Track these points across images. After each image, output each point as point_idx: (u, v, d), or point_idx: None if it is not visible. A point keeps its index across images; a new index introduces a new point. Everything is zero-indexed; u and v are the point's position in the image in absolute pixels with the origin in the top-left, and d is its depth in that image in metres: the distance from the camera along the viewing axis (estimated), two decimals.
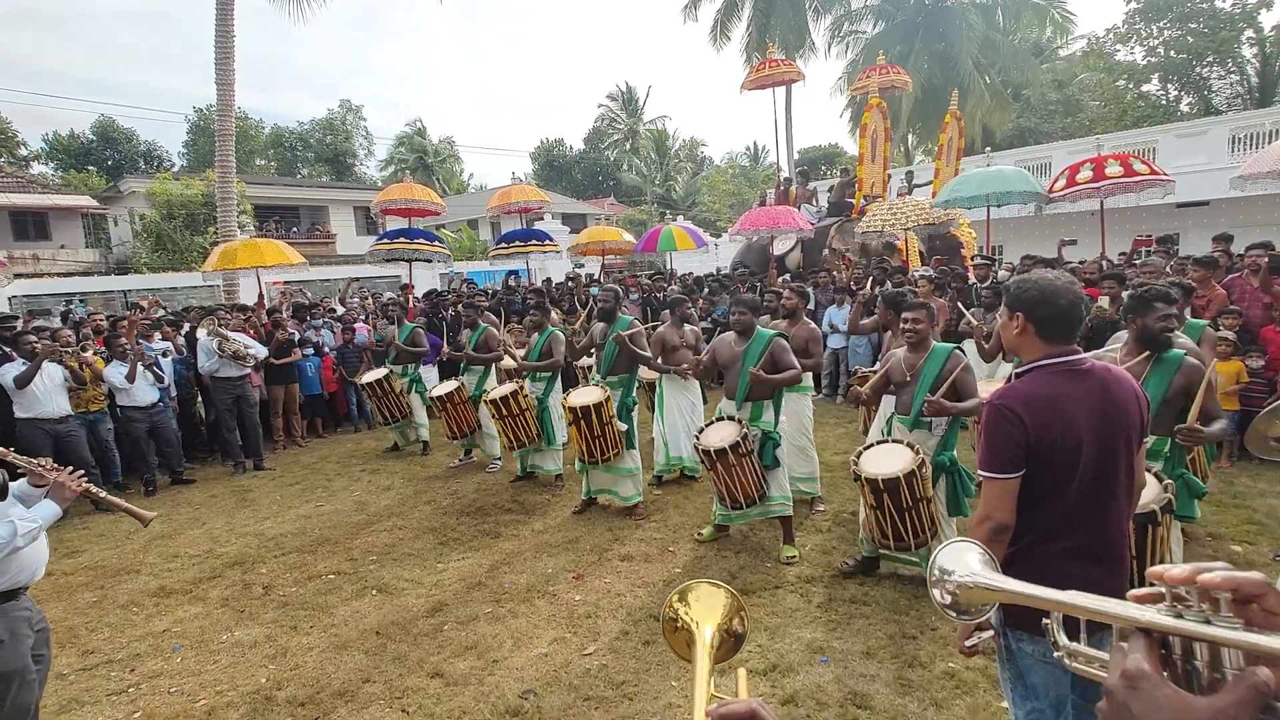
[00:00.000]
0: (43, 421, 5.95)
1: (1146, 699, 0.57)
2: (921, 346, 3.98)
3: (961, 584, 0.87)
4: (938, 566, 0.92)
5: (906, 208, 10.42)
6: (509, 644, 3.65)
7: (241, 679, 3.47)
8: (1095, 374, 2.02)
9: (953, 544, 0.94)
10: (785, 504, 4.55)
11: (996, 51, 22.60)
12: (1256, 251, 6.19)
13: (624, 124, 43.51)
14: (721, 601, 1.11)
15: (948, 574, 0.89)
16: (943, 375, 3.82)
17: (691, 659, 1.05)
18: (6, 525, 2.39)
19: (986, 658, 3.19)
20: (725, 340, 4.79)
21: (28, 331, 6.13)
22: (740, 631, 1.11)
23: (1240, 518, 4.74)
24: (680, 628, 1.09)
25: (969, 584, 0.86)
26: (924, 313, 3.96)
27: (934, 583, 0.91)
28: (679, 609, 1.10)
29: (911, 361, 3.97)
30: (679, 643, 1.10)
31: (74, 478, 2.60)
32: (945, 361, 3.85)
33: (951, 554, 0.92)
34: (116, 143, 35.15)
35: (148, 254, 21.03)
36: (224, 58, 11.82)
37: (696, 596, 1.11)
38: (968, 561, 0.90)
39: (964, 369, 3.83)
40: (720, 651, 1.07)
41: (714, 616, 1.09)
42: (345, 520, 5.72)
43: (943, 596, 0.90)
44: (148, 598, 4.47)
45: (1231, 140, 15.38)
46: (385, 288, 16.66)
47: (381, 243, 11.10)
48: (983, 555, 0.90)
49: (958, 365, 3.82)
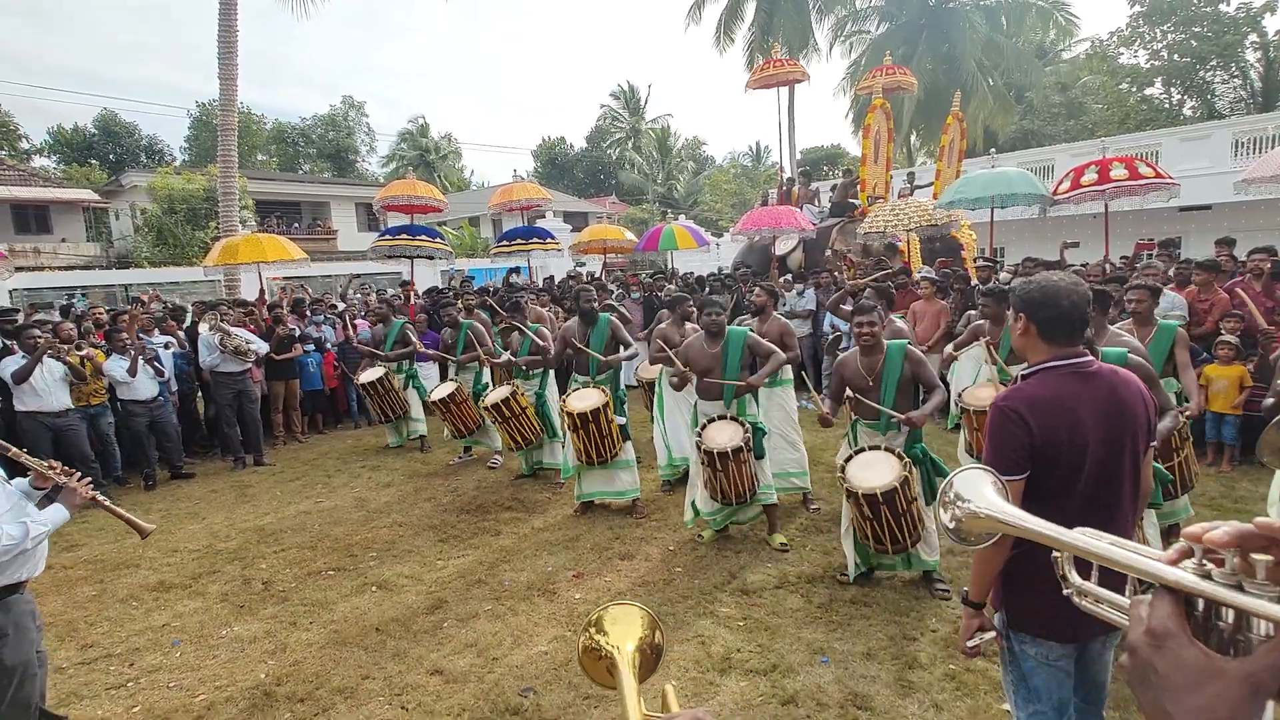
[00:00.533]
0: (43, 415, 5.95)
1: (1172, 658, 0.55)
2: (876, 349, 3.98)
3: (972, 512, 0.85)
4: (953, 490, 0.90)
5: (909, 208, 10.40)
6: (509, 642, 3.65)
7: (241, 674, 3.47)
8: (1102, 376, 2.01)
9: (970, 470, 0.92)
10: (770, 493, 4.64)
11: (1000, 53, 22.55)
12: (1259, 256, 6.19)
13: (626, 122, 43.47)
14: (637, 619, 1.10)
15: (963, 500, 0.88)
16: (905, 374, 3.86)
17: (615, 684, 1.03)
18: (20, 526, 2.41)
19: (988, 660, 3.19)
20: (696, 344, 4.74)
21: (30, 326, 6.11)
22: (660, 645, 1.09)
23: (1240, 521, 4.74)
24: (602, 655, 1.07)
25: (981, 513, 0.84)
26: (876, 315, 3.96)
27: (945, 504, 0.90)
28: (598, 639, 1.08)
29: (869, 365, 3.97)
30: (600, 671, 1.08)
31: (83, 484, 2.62)
32: (902, 360, 3.88)
33: (968, 480, 0.90)
34: (118, 137, 35.15)
35: (149, 248, 21.02)
36: (227, 53, 11.81)
37: (613, 619, 1.10)
38: (984, 492, 0.88)
39: (918, 363, 3.90)
40: (643, 669, 1.05)
41: (633, 635, 1.07)
42: (345, 516, 5.71)
43: (950, 521, 0.89)
44: (147, 592, 4.46)
45: (1235, 144, 15.35)
46: (387, 284, 16.66)
47: (384, 239, 11.10)
48: (997, 485, 0.89)
49: (914, 360, 3.89)
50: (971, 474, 0.91)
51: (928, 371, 3.92)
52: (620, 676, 1.03)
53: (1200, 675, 0.53)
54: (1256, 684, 0.51)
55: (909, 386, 3.90)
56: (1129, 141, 16.91)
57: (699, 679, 3.25)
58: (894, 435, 3.94)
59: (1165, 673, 0.55)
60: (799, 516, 5.23)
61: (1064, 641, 2.02)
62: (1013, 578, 2.04)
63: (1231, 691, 0.52)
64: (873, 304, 4.08)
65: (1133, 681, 0.58)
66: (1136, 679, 0.58)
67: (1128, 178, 8.38)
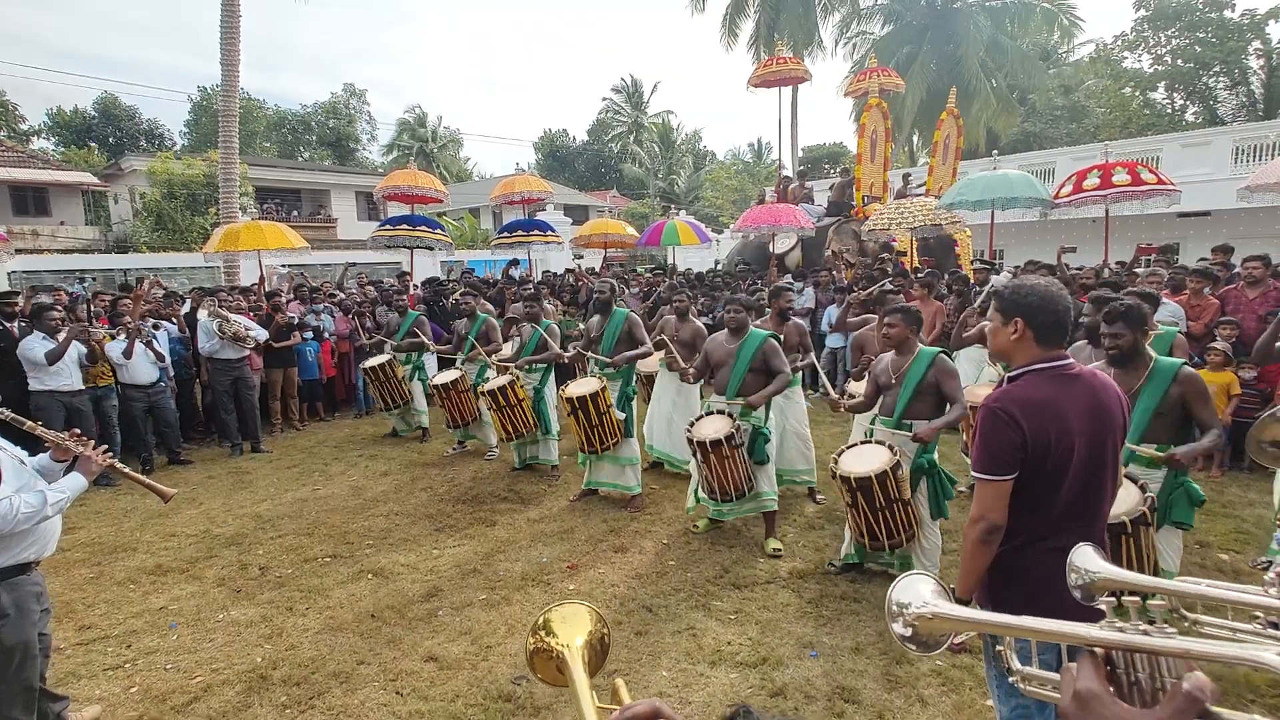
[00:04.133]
0: (60, 394, 6.02)
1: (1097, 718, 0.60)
2: (906, 349, 3.96)
3: (920, 615, 0.87)
4: (894, 601, 0.91)
5: (914, 207, 10.44)
6: (502, 630, 3.69)
7: (237, 658, 3.51)
8: (1084, 379, 2.06)
9: (906, 577, 0.93)
10: (773, 499, 4.63)
11: (1004, 55, 22.55)
12: (1253, 264, 6.24)
13: (628, 116, 43.39)
14: (584, 616, 1.13)
15: (904, 607, 0.89)
16: (926, 380, 3.85)
17: (566, 681, 1.06)
18: (37, 495, 2.43)
19: (973, 656, 3.25)
20: (718, 340, 4.88)
21: (51, 307, 6.16)
22: (606, 640, 1.12)
23: (1229, 526, 4.80)
24: (552, 655, 1.10)
25: (927, 615, 0.87)
26: (899, 317, 3.96)
27: (892, 616, 0.91)
28: (546, 640, 1.11)
29: (898, 364, 3.98)
30: (549, 670, 1.11)
31: (99, 452, 2.63)
32: (929, 366, 3.86)
33: (905, 587, 0.92)
34: (118, 120, 34.97)
35: (147, 233, 20.96)
36: (229, 37, 11.77)
37: (560, 619, 1.12)
38: (921, 593, 0.90)
39: (947, 374, 3.84)
40: (592, 664, 1.08)
41: (580, 632, 1.10)
42: (342, 504, 5.75)
43: (903, 629, 0.90)
44: (145, 575, 4.50)
45: (1235, 151, 15.39)
46: (385, 274, 16.63)
47: (384, 229, 11.10)
48: (936, 586, 0.90)
49: (942, 370, 3.84)
50: (906, 581, 0.93)
51: (953, 384, 3.84)
52: (571, 673, 1.05)
53: None
54: None
55: (930, 392, 3.85)
56: (1130, 146, 16.95)
57: (689, 670, 3.30)
58: (905, 438, 3.92)
59: None
60: (796, 512, 5.27)
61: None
62: (999, 575, 2.08)
63: None
64: (903, 306, 4.09)
65: None
66: None
67: (1130, 183, 8.42)
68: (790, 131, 22.33)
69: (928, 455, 3.89)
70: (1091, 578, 0.92)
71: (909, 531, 3.81)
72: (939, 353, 3.91)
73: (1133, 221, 13.67)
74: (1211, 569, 4.23)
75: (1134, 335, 3.27)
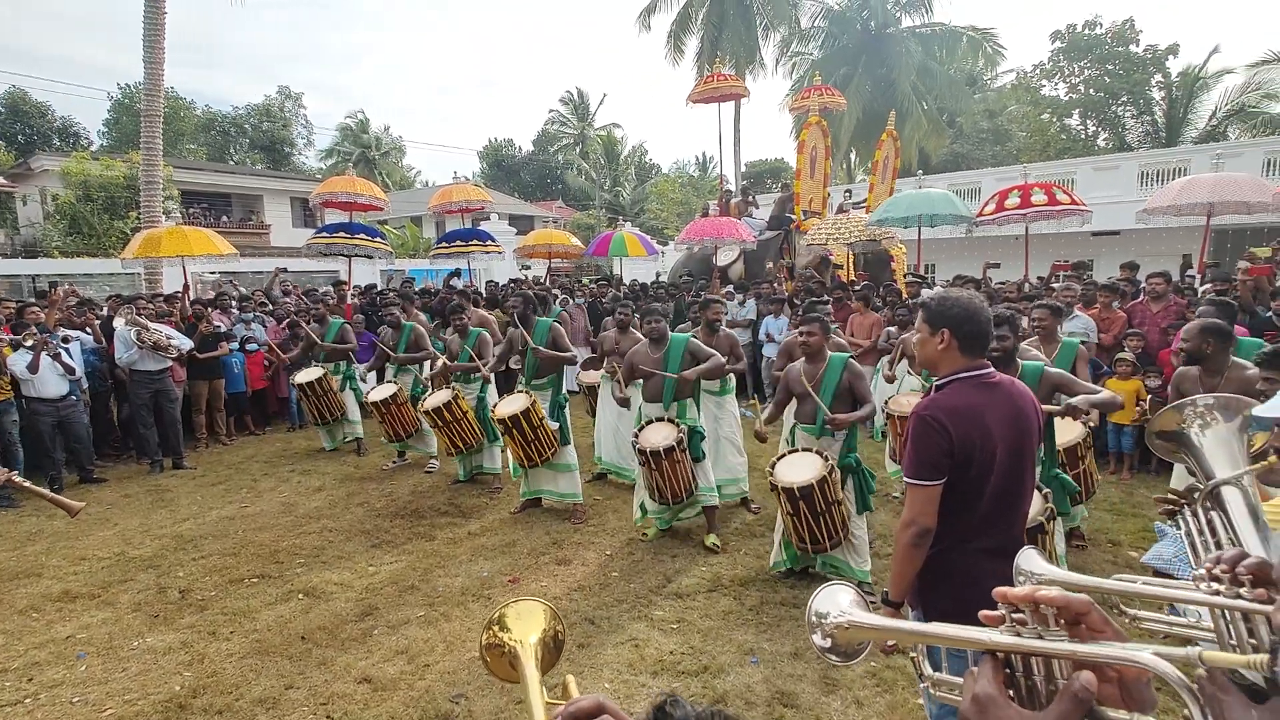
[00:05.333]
0: None
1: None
2: (819, 357, 4.19)
3: (839, 625, 0.89)
4: (814, 611, 0.92)
5: (849, 223, 10.81)
6: (441, 648, 3.60)
7: (153, 687, 3.31)
8: (1004, 387, 2.17)
9: (825, 588, 0.95)
10: (712, 494, 4.84)
11: (933, 79, 23.68)
12: (1156, 280, 6.73)
13: (574, 128, 43.43)
14: (539, 613, 1.14)
15: (824, 617, 0.90)
16: (842, 384, 4.07)
17: (518, 677, 1.06)
18: None
19: (905, 657, 3.35)
20: (641, 351, 4.99)
21: None
22: (561, 638, 1.13)
23: (1137, 525, 5.11)
24: (505, 651, 1.10)
25: (844, 624, 0.88)
26: (817, 326, 4.18)
27: (812, 627, 0.92)
28: (500, 635, 1.11)
29: (811, 372, 4.17)
30: (503, 666, 1.11)
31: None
32: (843, 370, 4.10)
33: (825, 598, 0.93)
34: (28, 117, 32.77)
35: (60, 237, 19.66)
36: (153, 33, 11.21)
37: (515, 615, 1.13)
38: (840, 602, 0.91)
39: (857, 376, 4.13)
40: (546, 661, 1.09)
41: (536, 629, 1.11)
42: (271, 522, 5.50)
43: (823, 640, 0.91)
44: (49, 602, 4.19)
45: (1141, 175, 16.58)
46: (322, 282, 16.09)
47: (320, 236, 10.75)
48: (854, 596, 0.92)
49: (854, 373, 4.12)
50: (827, 591, 0.95)
51: (863, 385, 4.17)
52: (523, 669, 1.05)
53: None
54: None
55: (845, 396, 4.11)
56: (1048, 169, 18.01)
57: (631, 681, 3.29)
58: (829, 441, 4.12)
59: None
60: (735, 520, 5.34)
61: None
62: (929, 577, 2.17)
63: None
64: (817, 315, 4.27)
65: None
66: None
67: (1047, 203, 8.94)
68: (734, 147, 22.78)
69: (853, 455, 4.15)
70: (1037, 580, 0.97)
71: (844, 529, 3.98)
72: (848, 358, 4.19)
73: (1051, 239, 14.50)
74: (1122, 565, 4.49)
75: (1014, 340, 3.63)
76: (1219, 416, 1.32)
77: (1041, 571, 1.02)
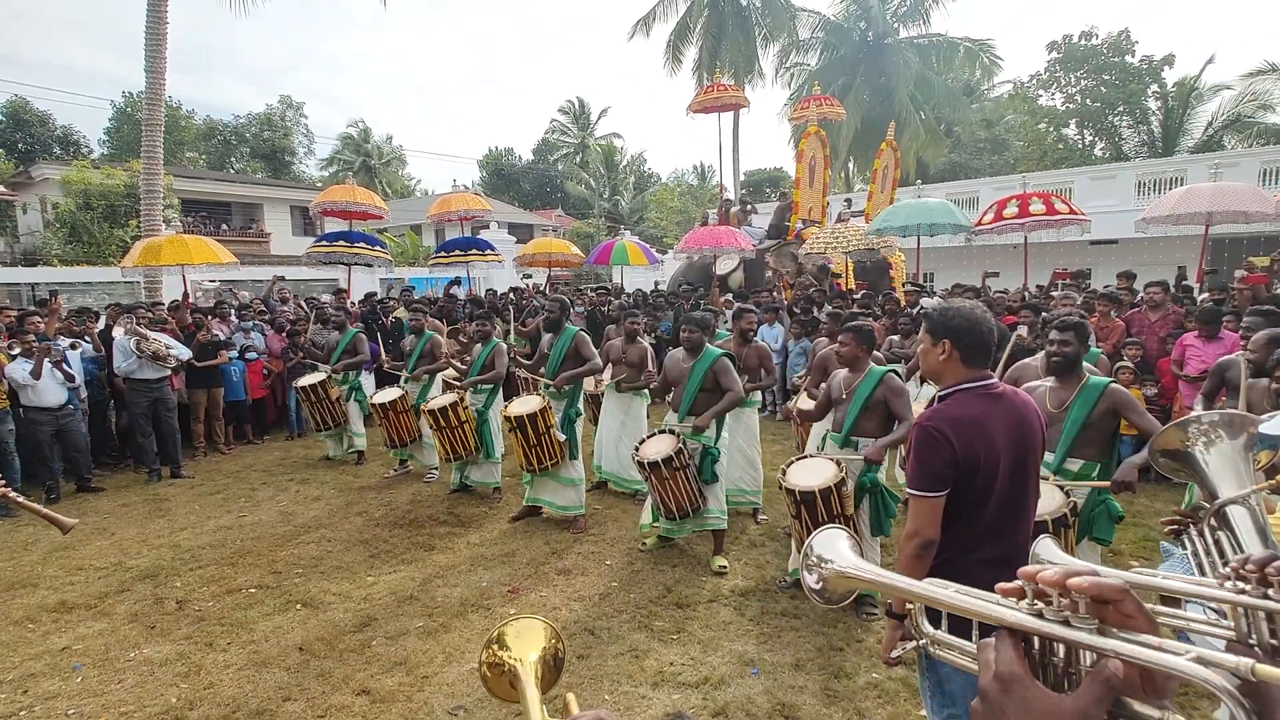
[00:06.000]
0: None
1: (1019, 701, 0.60)
2: (858, 367, 4.05)
3: (837, 571, 0.89)
4: (814, 553, 0.92)
5: (848, 232, 10.86)
6: (440, 659, 3.58)
7: (149, 699, 3.28)
8: (1008, 397, 2.17)
9: (826, 530, 0.95)
10: (721, 518, 4.66)
11: (931, 89, 23.84)
12: (1153, 289, 6.74)
13: (575, 137, 43.60)
14: (539, 631, 1.13)
15: (825, 561, 0.90)
16: (874, 397, 3.94)
17: (518, 696, 1.05)
18: None
19: (908, 668, 3.33)
20: (674, 357, 4.91)
21: None
22: (561, 655, 1.12)
23: (1138, 535, 5.10)
24: (505, 670, 1.09)
25: (839, 571, 0.88)
26: (850, 335, 4.04)
27: (809, 567, 0.92)
28: (500, 654, 1.10)
29: (849, 381, 4.06)
30: (503, 686, 1.10)
31: None
32: (878, 384, 3.93)
33: (825, 541, 0.93)
34: (29, 125, 32.84)
35: (60, 245, 19.68)
36: (155, 42, 11.27)
37: (515, 634, 1.12)
38: (839, 549, 0.91)
39: (895, 392, 3.90)
40: (545, 680, 1.08)
41: (535, 647, 1.10)
42: (269, 532, 5.48)
43: (815, 582, 0.91)
44: (45, 613, 4.16)
45: (1139, 185, 16.67)
46: (322, 290, 16.10)
47: (320, 245, 10.78)
48: (851, 543, 0.93)
49: (890, 388, 3.90)
50: (827, 534, 0.94)
51: (900, 402, 3.90)
52: (523, 687, 1.04)
53: (1043, 715, 0.59)
54: (1087, 715, 0.57)
55: (878, 409, 3.93)
56: (1046, 178, 18.11)
57: (631, 693, 3.27)
58: (852, 454, 3.97)
59: (1013, 715, 0.60)
60: (738, 530, 5.31)
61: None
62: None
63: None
64: (855, 325, 4.11)
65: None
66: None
67: (1045, 212, 8.97)
68: (732, 156, 22.89)
69: (872, 474, 3.95)
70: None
71: None
72: (888, 371, 3.98)
73: (1050, 248, 14.55)
74: None
75: (1079, 347, 3.41)
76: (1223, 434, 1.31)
77: (1057, 561, 1.00)
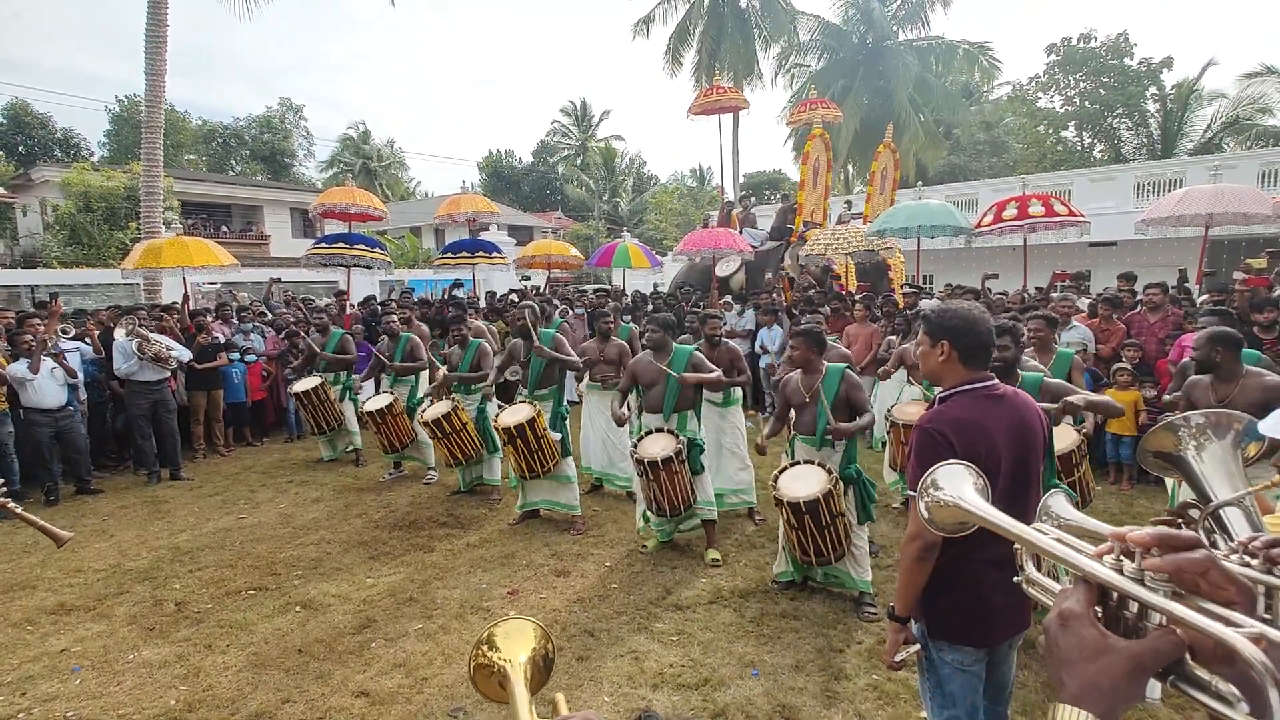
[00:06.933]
0: None
1: (1073, 636, 0.64)
2: (812, 369, 4.17)
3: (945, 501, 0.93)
4: (934, 481, 0.98)
5: (848, 234, 10.87)
6: (439, 661, 3.57)
7: (148, 701, 3.28)
8: (1008, 398, 2.17)
9: (952, 464, 0.99)
10: (710, 509, 4.78)
11: (930, 91, 23.85)
12: (1153, 291, 6.75)
13: (575, 139, 43.64)
14: (529, 632, 1.12)
15: (940, 490, 0.95)
16: (839, 395, 4.05)
17: (506, 697, 1.05)
18: None
19: (908, 670, 3.32)
20: (643, 360, 4.96)
21: None
22: (551, 657, 1.12)
23: None
24: (494, 671, 1.09)
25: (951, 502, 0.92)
26: (801, 340, 4.16)
27: (925, 490, 0.97)
28: (489, 655, 1.09)
29: (808, 383, 4.16)
30: (492, 687, 1.09)
31: None
32: (840, 381, 4.07)
33: (949, 474, 0.98)
34: (30, 128, 32.88)
35: (59, 247, 19.68)
36: (155, 46, 11.28)
37: (504, 635, 1.11)
38: (961, 488, 0.95)
39: (855, 386, 4.11)
40: (535, 680, 1.08)
41: (525, 648, 1.10)
42: (269, 533, 5.47)
43: (925, 511, 0.97)
44: (44, 615, 4.16)
45: (1138, 187, 16.67)
46: (322, 292, 16.11)
47: (319, 247, 10.76)
48: (977, 483, 0.97)
49: (851, 384, 4.10)
50: (954, 468, 0.99)
51: (861, 395, 4.14)
52: (512, 688, 1.04)
53: (1093, 651, 0.62)
54: (1139, 662, 0.61)
55: (842, 406, 4.08)
56: (1045, 180, 18.11)
57: (631, 695, 3.26)
58: (829, 453, 4.09)
59: (1066, 648, 0.64)
60: (737, 531, 5.32)
61: (978, 647, 2.16)
62: (933, 587, 2.15)
63: (1117, 666, 0.61)
64: (804, 328, 4.25)
65: (1044, 656, 0.67)
66: (1046, 653, 0.67)
67: (1044, 214, 8.96)
68: (731, 158, 22.89)
69: (853, 465, 4.12)
70: (1062, 522, 0.98)
71: (840, 549, 3.94)
72: (845, 368, 4.16)
73: (1049, 250, 14.54)
74: None
75: (1015, 351, 3.62)
76: (1212, 435, 1.31)
77: (1070, 517, 1.02)
